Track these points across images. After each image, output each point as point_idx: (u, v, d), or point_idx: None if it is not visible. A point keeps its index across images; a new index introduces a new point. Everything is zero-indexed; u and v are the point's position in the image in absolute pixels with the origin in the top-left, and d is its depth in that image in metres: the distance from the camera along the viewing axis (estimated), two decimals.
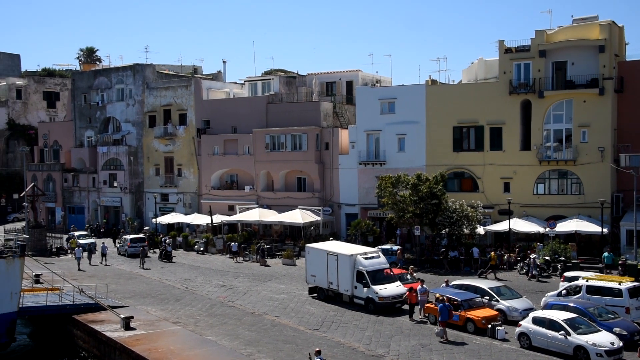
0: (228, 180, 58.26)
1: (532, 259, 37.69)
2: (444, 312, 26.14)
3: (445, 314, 26.16)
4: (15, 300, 29.51)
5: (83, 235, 55.93)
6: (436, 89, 48.87)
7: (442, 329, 25.97)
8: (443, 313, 26.13)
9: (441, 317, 26.17)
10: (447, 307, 26.36)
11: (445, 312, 26.18)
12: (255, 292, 36.33)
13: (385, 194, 42.81)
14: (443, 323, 26.02)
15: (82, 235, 55.51)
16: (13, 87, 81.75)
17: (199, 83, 60.18)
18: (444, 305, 26.41)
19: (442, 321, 26.09)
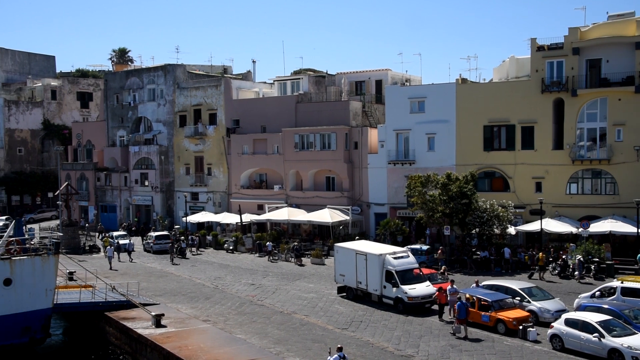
0: (257, 180, 58.54)
1: (577, 260, 36.97)
2: (461, 310, 26.39)
3: (463, 312, 26.38)
4: (50, 297, 30.10)
5: (121, 235, 55.34)
6: (467, 88, 48.41)
7: (459, 326, 26.36)
8: (461, 311, 26.39)
9: (459, 314, 26.48)
10: (464, 305, 26.56)
11: (463, 310, 26.39)
12: (284, 291, 36.44)
13: (414, 193, 42.55)
14: (459, 320, 26.38)
15: (120, 236, 55.03)
16: (48, 87, 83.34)
17: (229, 83, 60.58)
18: (462, 303, 26.66)
19: (459, 319, 26.42)
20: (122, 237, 54.36)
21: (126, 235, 55.38)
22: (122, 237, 54.01)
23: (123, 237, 54.45)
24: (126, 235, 55.20)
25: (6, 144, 79.14)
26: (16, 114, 79.81)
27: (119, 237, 54.11)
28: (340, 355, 20.68)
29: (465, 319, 26.43)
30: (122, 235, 55.11)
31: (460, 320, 26.37)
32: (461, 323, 26.36)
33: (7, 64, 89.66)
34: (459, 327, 26.45)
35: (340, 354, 20.74)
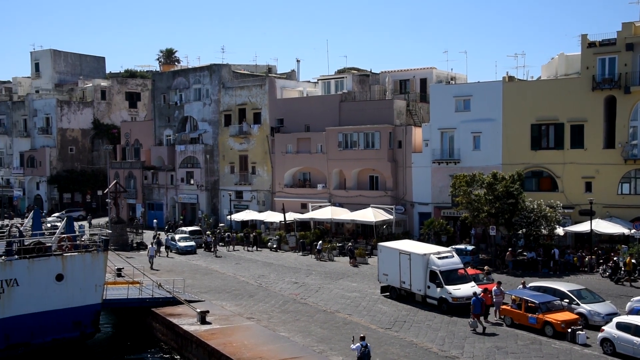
0: (301, 178, 58.74)
1: None
2: (476, 305, 27.11)
3: (478, 307, 27.13)
4: (99, 293, 30.84)
5: (184, 237, 53.58)
6: (514, 86, 47.50)
7: (475, 320, 27.01)
8: (476, 306, 27.11)
9: (474, 309, 27.15)
10: (480, 300, 27.35)
11: (479, 305, 27.14)
12: (328, 289, 36.46)
13: (459, 192, 42.00)
14: (475, 315, 27.09)
15: (183, 238, 53.38)
16: (98, 88, 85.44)
17: (273, 82, 60.96)
18: (477, 298, 27.41)
19: (474, 313, 27.12)
20: (184, 239, 53.30)
21: (189, 237, 53.93)
22: (184, 239, 53.07)
23: (185, 239, 53.37)
24: (189, 237, 53.79)
25: (58, 143, 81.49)
26: (68, 114, 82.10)
27: (182, 239, 53.02)
28: (362, 344, 21.12)
29: (480, 313, 27.18)
30: (184, 237, 53.71)
31: (476, 315, 27.06)
32: (476, 317, 27.05)
33: (60, 66, 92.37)
34: (475, 321, 27.04)
35: (362, 342, 21.18)
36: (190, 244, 52.39)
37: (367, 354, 21.05)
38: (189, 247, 51.89)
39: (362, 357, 21.08)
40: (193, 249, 51.99)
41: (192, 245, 52.29)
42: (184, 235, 54.35)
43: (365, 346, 21.03)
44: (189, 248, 51.80)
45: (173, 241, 52.98)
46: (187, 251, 51.52)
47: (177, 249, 51.82)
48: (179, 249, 51.78)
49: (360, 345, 21.11)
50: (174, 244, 52.59)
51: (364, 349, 21.02)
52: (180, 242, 52.50)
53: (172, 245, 52.55)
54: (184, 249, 51.65)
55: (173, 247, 52.37)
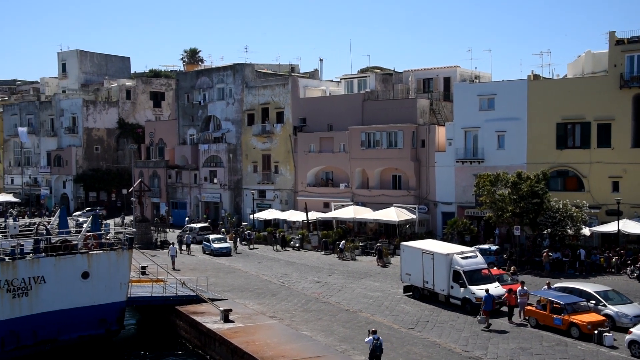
0: (323, 178, 58.74)
1: None
2: (488, 302, 27.44)
3: (489, 304, 27.47)
4: (124, 290, 31.17)
5: (218, 238, 51.93)
6: (539, 84, 46.94)
7: (484, 317, 27.35)
8: (487, 302, 27.44)
9: (485, 306, 27.48)
10: (491, 297, 27.62)
11: (490, 302, 27.46)
12: (350, 289, 36.40)
13: (483, 192, 41.64)
14: (485, 312, 27.43)
15: (217, 239, 51.64)
16: (123, 88, 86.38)
17: (296, 81, 61.04)
18: (488, 295, 27.65)
19: (485, 310, 27.46)
20: (218, 240, 51.70)
21: (223, 238, 52.45)
22: (218, 241, 51.39)
23: (220, 240, 51.71)
24: (223, 239, 52.25)
25: (84, 142, 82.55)
26: (94, 114, 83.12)
27: (215, 240, 51.44)
28: (375, 337, 22.14)
29: (490, 310, 27.50)
30: (219, 238, 52.11)
31: (486, 311, 27.42)
32: (486, 314, 27.42)
33: (86, 66, 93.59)
34: (484, 318, 27.40)
35: (375, 336, 22.19)
36: (225, 246, 50.72)
37: (379, 346, 22.12)
38: (224, 249, 50.19)
39: (374, 349, 22.08)
40: (228, 250, 50.37)
41: (227, 247, 50.66)
42: (218, 236, 52.78)
43: (377, 339, 22.09)
44: (223, 250, 50.10)
45: (207, 242, 51.52)
46: (222, 253, 49.79)
47: (212, 251, 50.29)
48: (214, 250, 50.13)
49: (372, 339, 22.11)
50: (207, 245, 51.20)
51: (376, 342, 22.06)
52: (215, 244, 50.82)
53: (206, 247, 51.37)
54: (218, 251, 49.95)
55: (207, 249, 51.12)
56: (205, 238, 52.82)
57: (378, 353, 22.14)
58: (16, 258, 28.27)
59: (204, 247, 51.65)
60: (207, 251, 51.05)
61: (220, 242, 51.47)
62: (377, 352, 22.11)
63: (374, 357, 22.21)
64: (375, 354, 22.15)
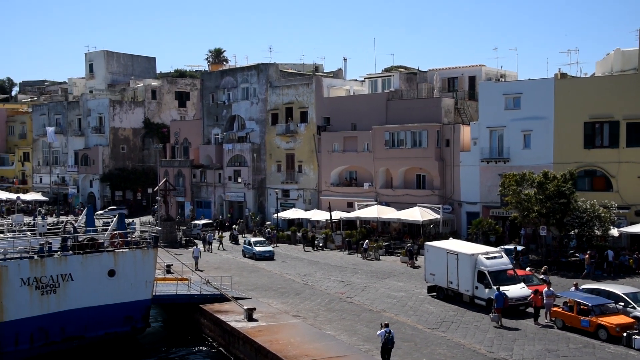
0: (347, 177, 58.67)
1: None
2: (499, 300, 27.88)
3: (501, 301, 27.86)
4: (149, 288, 31.49)
5: (260, 241, 49.76)
6: (566, 83, 46.30)
7: (497, 315, 27.81)
8: (499, 300, 27.88)
9: (497, 304, 27.92)
10: (502, 295, 28.02)
11: (501, 300, 27.87)
12: (374, 289, 36.31)
13: (508, 192, 41.21)
14: (497, 309, 27.86)
15: (258, 242, 49.45)
16: (149, 88, 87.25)
17: (320, 81, 61.04)
18: (499, 293, 28.12)
19: (497, 308, 27.89)
20: (260, 243, 49.34)
21: (264, 241, 50.40)
22: (260, 244, 48.96)
23: (261, 243, 49.42)
24: (264, 242, 50.23)
25: (111, 142, 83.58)
26: (120, 113, 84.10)
27: (257, 243, 49.08)
28: (387, 330, 22.79)
29: (501, 308, 27.87)
30: (260, 241, 49.78)
31: (498, 309, 27.84)
32: (498, 312, 27.83)
33: (112, 66, 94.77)
34: (497, 316, 27.84)
35: (387, 329, 22.84)
36: (267, 249, 48.21)
37: (390, 339, 22.78)
38: (267, 253, 47.70)
39: (386, 342, 22.78)
40: (271, 254, 47.81)
41: (271, 251, 48.22)
42: (259, 239, 50.69)
43: (389, 332, 22.77)
44: (266, 254, 47.53)
45: (248, 245, 49.18)
46: (265, 257, 47.25)
47: (254, 254, 47.89)
48: (256, 254, 47.62)
49: (384, 332, 22.79)
50: (249, 248, 48.84)
51: (387, 335, 22.74)
52: (257, 247, 48.24)
53: (247, 250, 49.13)
54: (261, 255, 47.41)
55: (248, 252, 48.80)
56: (246, 241, 50.62)
57: (389, 346, 22.84)
58: (44, 256, 28.76)
59: (245, 251, 49.51)
60: (248, 255, 48.71)
61: (263, 245, 49.08)
62: (388, 345, 22.81)
63: (386, 349, 22.90)
64: (387, 347, 22.84)
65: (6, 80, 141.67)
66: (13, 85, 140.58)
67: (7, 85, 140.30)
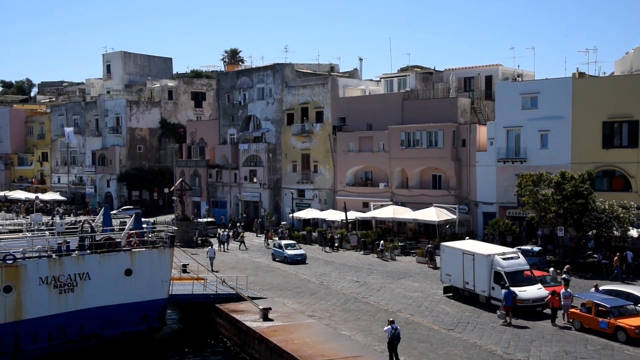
0: (363, 177, 58.59)
1: None
2: (508, 298, 27.97)
3: (510, 300, 27.96)
4: (165, 288, 31.67)
5: (291, 244, 47.78)
6: (584, 82, 45.85)
7: (504, 312, 28.04)
8: (508, 299, 27.97)
9: (506, 302, 28.02)
10: (511, 293, 28.10)
11: (510, 298, 27.97)
12: (389, 289, 36.22)
13: (525, 192, 40.92)
14: (506, 308, 28.04)
15: (289, 245, 47.45)
16: (165, 88, 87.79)
17: (336, 81, 61.02)
18: (509, 291, 28.19)
19: (505, 306, 28.04)
20: (291, 246, 47.44)
21: (295, 244, 48.55)
22: (291, 247, 47.10)
23: (293, 246, 47.44)
24: (295, 244, 48.32)
25: (128, 142, 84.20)
26: (137, 114, 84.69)
27: (289, 246, 47.12)
28: (393, 326, 23.15)
29: (511, 307, 27.94)
30: (291, 244, 47.85)
31: (507, 307, 27.98)
32: (507, 310, 28.00)
33: (129, 67, 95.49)
34: (503, 313, 28.08)
35: (393, 325, 23.22)
36: (299, 253, 46.19)
37: (397, 335, 23.16)
38: (299, 256, 45.71)
39: (392, 338, 23.12)
40: (303, 258, 45.76)
41: (302, 254, 46.09)
42: (290, 242, 48.81)
43: (395, 328, 23.12)
44: (298, 257, 45.61)
45: (279, 249, 47.21)
46: (297, 261, 45.29)
47: (285, 258, 45.91)
48: (288, 257, 45.66)
49: (390, 328, 23.13)
50: (279, 252, 46.84)
51: (394, 331, 23.09)
52: (288, 250, 46.32)
53: (277, 254, 47.12)
54: (292, 259, 45.45)
55: (278, 256, 46.79)
56: (276, 244, 48.62)
57: (396, 342, 23.18)
58: (62, 255, 29.03)
59: (275, 254, 47.49)
60: (279, 258, 46.66)
61: (294, 248, 47.04)
62: (394, 341, 23.14)
63: (392, 345, 23.19)
64: (393, 343, 23.16)
65: (25, 81, 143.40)
66: (32, 86, 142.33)
67: (26, 86, 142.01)
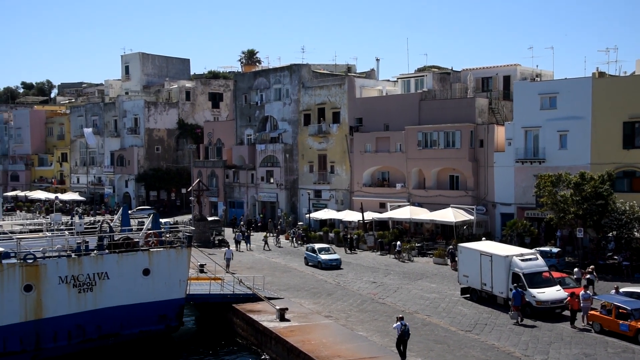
0: (379, 178, 58.46)
1: None
2: (517, 298, 28.35)
3: (518, 300, 28.32)
4: (183, 287, 31.85)
5: (325, 249, 45.13)
6: (604, 82, 45.34)
7: (515, 312, 28.33)
8: (516, 298, 28.35)
9: (514, 302, 28.38)
10: (519, 293, 28.48)
11: (518, 298, 28.34)
12: (406, 290, 36.10)
13: (544, 193, 40.57)
14: (515, 307, 28.34)
15: (323, 249, 44.83)
16: (183, 89, 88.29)
17: (353, 81, 60.95)
18: (517, 291, 28.56)
19: (514, 305, 28.36)
20: (324, 250, 44.78)
21: (329, 248, 45.89)
22: (325, 251, 44.54)
23: (326, 250, 44.92)
24: (329, 249, 45.62)
25: (146, 143, 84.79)
26: (154, 115, 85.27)
27: (322, 250, 44.58)
28: (402, 323, 23.50)
29: (519, 306, 28.28)
30: (325, 248, 45.30)
31: (516, 307, 28.30)
32: (516, 310, 28.30)
33: (147, 68, 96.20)
34: (515, 313, 28.34)
35: (402, 322, 23.53)
36: (334, 257, 43.67)
37: (406, 331, 23.54)
38: (334, 261, 43.34)
39: (402, 334, 23.52)
40: (338, 263, 43.46)
41: (337, 259, 43.69)
42: (324, 246, 46.35)
43: (404, 325, 23.50)
44: (333, 262, 43.21)
45: (312, 253, 44.79)
46: (332, 266, 42.93)
47: (319, 263, 43.61)
48: (322, 263, 43.30)
49: (400, 324, 23.49)
50: (313, 256, 44.49)
51: (403, 328, 23.46)
52: (323, 255, 43.87)
53: (310, 258, 44.84)
54: (327, 264, 43.04)
55: (312, 261, 44.55)
56: (309, 247, 46.07)
57: (406, 338, 23.57)
58: (82, 254, 29.31)
59: (308, 258, 45.19)
60: (312, 263, 44.48)
61: (328, 253, 44.41)
62: (404, 337, 23.53)
63: (402, 341, 23.57)
64: (403, 339, 23.54)
65: (45, 83, 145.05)
66: (52, 88, 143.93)
67: (47, 88, 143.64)
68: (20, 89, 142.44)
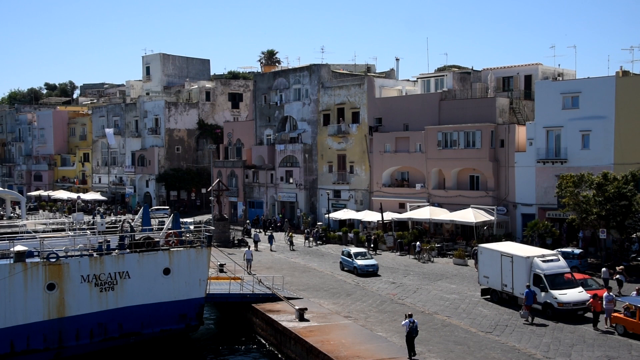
0: (399, 178, 58.27)
1: None
2: (529, 297, 28.51)
3: (531, 299, 28.48)
4: (203, 287, 32.02)
5: (361, 253, 42.65)
6: (629, 81, 44.73)
7: (527, 312, 28.50)
8: (528, 297, 28.51)
9: (527, 301, 28.52)
10: (532, 292, 28.69)
11: (531, 297, 28.51)
12: (426, 290, 35.94)
13: (566, 193, 40.13)
14: (527, 307, 28.51)
15: (359, 254, 42.30)
16: (203, 89, 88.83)
17: (372, 81, 60.84)
18: (529, 290, 28.74)
19: (526, 305, 28.55)
20: (361, 255, 42.24)
21: (365, 253, 43.16)
22: (362, 256, 41.96)
23: (363, 255, 42.38)
24: (365, 254, 42.89)
25: (166, 143, 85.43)
26: (175, 115, 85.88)
27: (359, 255, 42.08)
28: (411, 320, 23.78)
29: (531, 305, 28.45)
30: (361, 253, 42.81)
31: (527, 306, 28.51)
32: (528, 309, 28.50)
33: (168, 69, 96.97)
34: (526, 312, 28.53)
35: (410, 319, 23.83)
36: (371, 263, 41.06)
37: (415, 328, 23.83)
38: (371, 267, 40.79)
39: (410, 331, 23.80)
40: (375, 269, 40.82)
41: (375, 265, 41.06)
42: (360, 250, 43.92)
43: (412, 322, 23.75)
44: (370, 268, 40.63)
45: (348, 257, 42.37)
46: (369, 272, 40.38)
47: (354, 269, 41.17)
48: (358, 268, 40.77)
49: (408, 322, 23.78)
50: (349, 261, 42.10)
51: (412, 324, 23.73)
52: (359, 260, 41.31)
53: (346, 263, 42.59)
54: (363, 270, 40.46)
55: (347, 266, 42.25)
56: (345, 252, 43.63)
57: (414, 335, 23.85)
58: (103, 254, 29.62)
59: (343, 263, 42.93)
60: (348, 268, 42.18)
61: (365, 258, 41.88)
62: (413, 334, 23.80)
63: (410, 338, 23.84)
64: (411, 336, 23.83)
65: (68, 84, 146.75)
66: (74, 88, 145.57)
67: (69, 88, 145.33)
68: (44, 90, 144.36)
